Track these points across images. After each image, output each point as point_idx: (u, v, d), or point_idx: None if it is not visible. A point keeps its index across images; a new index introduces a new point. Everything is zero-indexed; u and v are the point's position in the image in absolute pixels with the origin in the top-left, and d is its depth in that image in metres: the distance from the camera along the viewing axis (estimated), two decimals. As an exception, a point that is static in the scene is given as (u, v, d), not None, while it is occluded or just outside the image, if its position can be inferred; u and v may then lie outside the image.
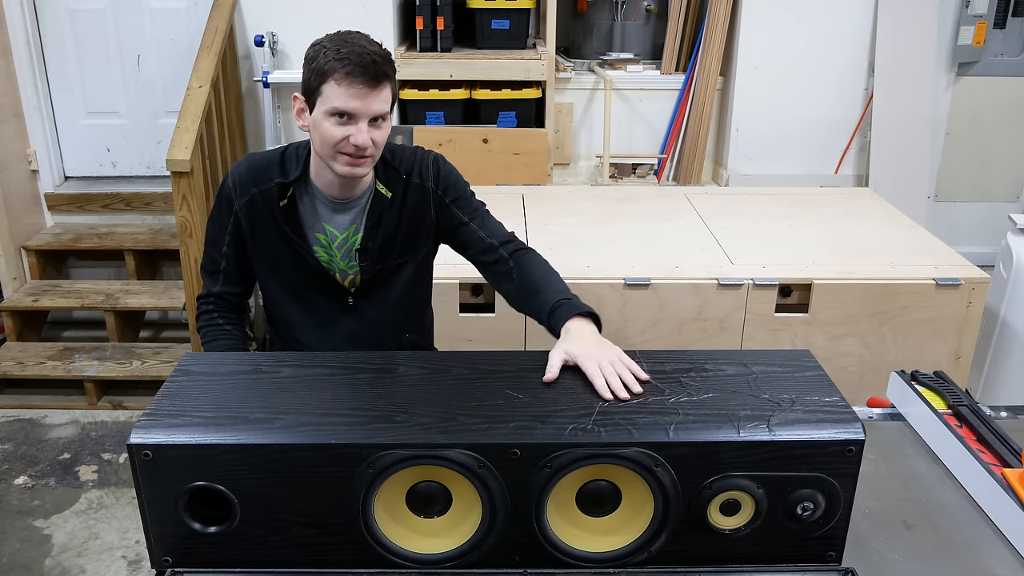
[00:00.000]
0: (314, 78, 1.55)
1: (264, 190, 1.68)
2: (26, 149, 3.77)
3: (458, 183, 1.76)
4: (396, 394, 1.21)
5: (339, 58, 1.51)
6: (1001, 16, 3.90)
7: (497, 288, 1.74)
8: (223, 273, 1.76)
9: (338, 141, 1.56)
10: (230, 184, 1.70)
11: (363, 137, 1.54)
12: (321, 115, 1.56)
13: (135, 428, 1.11)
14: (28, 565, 2.41)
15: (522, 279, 1.66)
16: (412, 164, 1.73)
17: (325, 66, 1.53)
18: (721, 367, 1.29)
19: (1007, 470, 1.32)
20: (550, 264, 1.69)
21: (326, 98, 1.54)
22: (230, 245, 1.73)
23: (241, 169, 1.71)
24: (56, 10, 3.72)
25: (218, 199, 1.73)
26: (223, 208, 1.72)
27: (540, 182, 3.64)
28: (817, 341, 2.44)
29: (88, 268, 3.86)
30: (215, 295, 1.77)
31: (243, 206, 1.69)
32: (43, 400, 3.33)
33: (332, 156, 1.59)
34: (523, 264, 1.68)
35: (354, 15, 3.57)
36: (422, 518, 1.16)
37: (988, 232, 4.01)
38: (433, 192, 1.73)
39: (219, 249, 1.74)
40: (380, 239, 1.72)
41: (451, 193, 1.74)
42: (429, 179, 1.72)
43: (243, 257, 1.76)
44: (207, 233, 1.77)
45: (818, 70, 3.90)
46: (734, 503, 1.13)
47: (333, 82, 1.52)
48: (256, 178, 1.69)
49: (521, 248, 1.72)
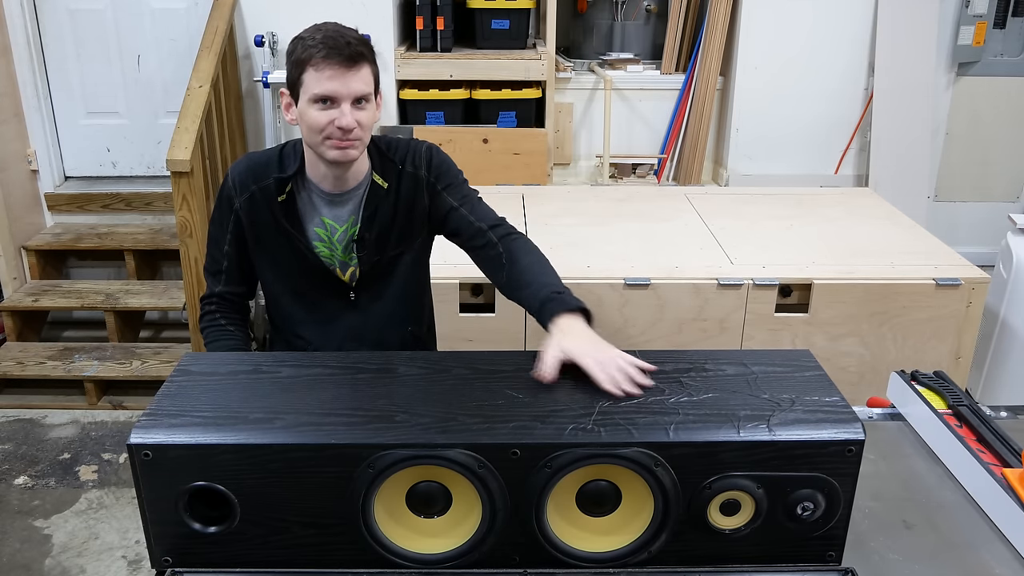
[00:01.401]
0: (294, 69, 1.58)
1: (263, 187, 1.69)
2: (26, 149, 3.77)
3: (450, 171, 1.76)
4: (396, 394, 1.21)
5: (314, 44, 1.55)
6: (1001, 16, 3.90)
7: (488, 275, 1.70)
8: (225, 273, 1.77)
9: (324, 126, 1.57)
10: (230, 183, 1.71)
11: (347, 119, 1.55)
12: (305, 104, 1.58)
13: (135, 428, 1.11)
14: (28, 565, 2.41)
15: (512, 266, 1.62)
16: (406, 153, 1.74)
17: (303, 55, 1.56)
18: (721, 367, 1.29)
19: (1007, 470, 1.32)
20: (541, 251, 1.65)
21: (307, 86, 1.56)
22: (231, 244, 1.74)
23: (240, 168, 1.71)
24: (56, 10, 3.72)
25: (219, 199, 1.74)
26: (224, 208, 1.72)
27: (540, 182, 3.64)
28: (817, 341, 2.44)
29: (88, 268, 3.86)
30: (217, 295, 1.78)
31: (243, 204, 1.70)
32: (43, 400, 3.33)
33: (320, 143, 1.60)
34: (513, 251, 1.64)
35: (354, 15, 3.57)
36: (422, 518, 1.16)
37: (988, 232, 4.01)
38: (426, 179, 1.73)
39: (221, 249, 1.75)
40: (377, 229, 1.73)
41: (443, 180, 1.74)
42: (422, 167, 1.73)
43: (245, 256, 1.76)
44: (209, 234, 1.77)
45: (818, 70, 3.90)
46: (734, 503, 1.13)
47: (312, 69, 1.55)
48: (255, 175, 1.70)
49: (511, 233, 1.69)
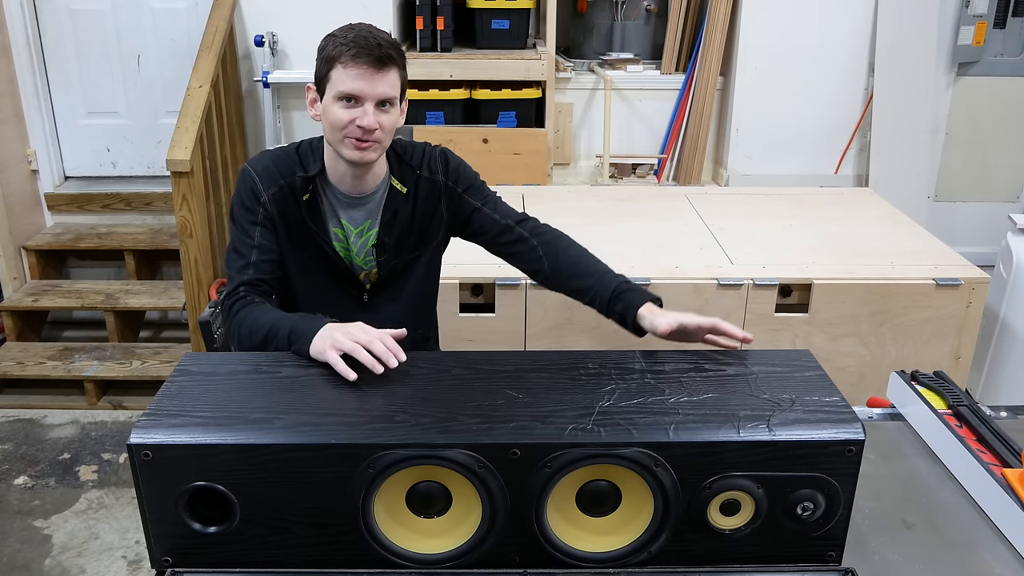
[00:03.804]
0: (323, 65, 1.58)
1: (290, 182, 1.67)
2: (26, 149, 3.77)
3: (468, 172, 1.79)
4: (396, 394, 1.21)
5: (345, 43, 1.55)
6: (1001, 16, 3.90)
7: (523, 269, 1.77)
8: (253, 266, 1.66)
9: (345, 124, 1.57)
10: (253, 176, 1.67)
11: (369, 119, 1.55)
12: (330, 100, 1.58)
13: (135, 428, 1.11)
14: (28, 565, 2.41)
15: (556, 259, 1.72)
16: (422, 159, 1.75)
17: (333, 52, 1.56)
18: (721, 367, 1.29)
19: (1007, 470, 1.32)
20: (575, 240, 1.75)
21: (334, 83, 1.56)
22: (262, 236, 1.67)
23: (265, 163, 1.69)
24: (56, 10, 3.72)
25: (240, 196, 1.68)
26: (248, 201, 1.67)
27: (540, 182, 3.64)
28: (817, 341, 2.44)
29: (88, 268, 3.86)
30: (246, 283, 1.66)
31: (272, 197, 1.66)
32: (43, 400, 3.33)
33: (340, 141, 1.59)
34: (550, 243, 1.73)
35: (354, 15, 3.51)
36: (422, 518, 1.16)
37: (988, 232, 4.01)
38: (444, 184, 1.74)
39: (248, 243, 1.66)
40: (396, 234, 1.73)
41: (462, 183, 1.76)
42: (439, 172, 1.74)
43: (275, 247, 1.69)
44: (232, 233, 1.70)
45: (818, 70, 3.90)
46: (734, 503, 1.13)
47: (340, 66, 1.55)
48: (281, 170, 1.68)
49: (540, 226, 1.76)
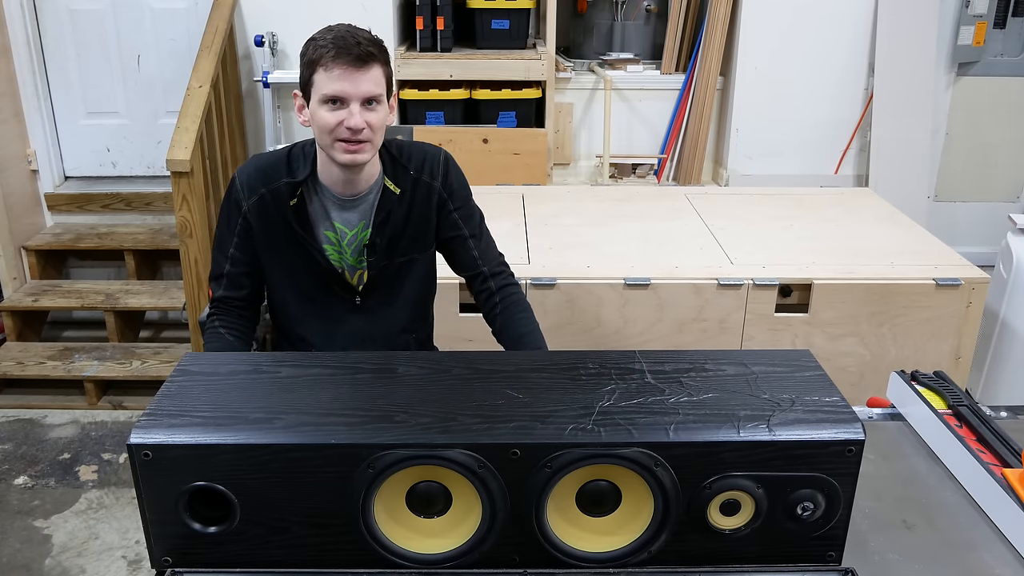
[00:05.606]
0: (306, 70, 1.59)
1: (273, 190, 1.68)
2: (26, 149, 3.77)
3: (463, 191, 1.78)
4: (396, 394, 1.21)
5: (325, 45, 1.55)
6: (1001, 16, 3.90)
7: (479, 306, 1.84)
8: (226, 277, 1.74)
9: (333, 127, 1.57)
10: (237, 186, 1.69)
11: (356, 119, 1.55)
12: (316, 104, 1.58)
13: (135, 428, 1.11)
14: (28, 565, 2.41)
15: (508, 323, 1.77)
16: (423, 161, 1.74)
17: (314, 55, 1.56)
18: (721, 367, 1.29)
19: (1007, 470, 1.32)
20: (532, 312, 1.80)
21: (317, 87, 1.56)
22: (237, 247, 1.72)
23: (249, 170, 1.70)
24: (56, 10, 3.72)
25: (226, 204, 1.72)
26: (231, 211, 1.71)
27: (540, 182, 3.64)
28: (817, 341, 2.44)
29: (88, 268, 3.86)
30: (217, 300, 1.76)
31: (252, 207, 1.68)
32: (43, 400, 3.33)
33: (331, 144, 1.59)
34: (510, 310, 1.78)
35: (354, 15, 3.53)
36: (422, 518, 1.16)
37: (988, 232, 4.01)
38: (439, 193, 1.74)
39: (224, 253, 1.73)
40: (388, 235, 1.73)
41: (456, 200, 1.76)
42: (438, 179, 1.74)
43: (250, 259, 1.74)
44: (215, 240, 1.75)
45: (818, 70, 3.90)
46: (734, 503, 1.13)
47: (321, 69, 1.55)
48: (265, 178, 1.69)
49: (509, 285, 1.81)
